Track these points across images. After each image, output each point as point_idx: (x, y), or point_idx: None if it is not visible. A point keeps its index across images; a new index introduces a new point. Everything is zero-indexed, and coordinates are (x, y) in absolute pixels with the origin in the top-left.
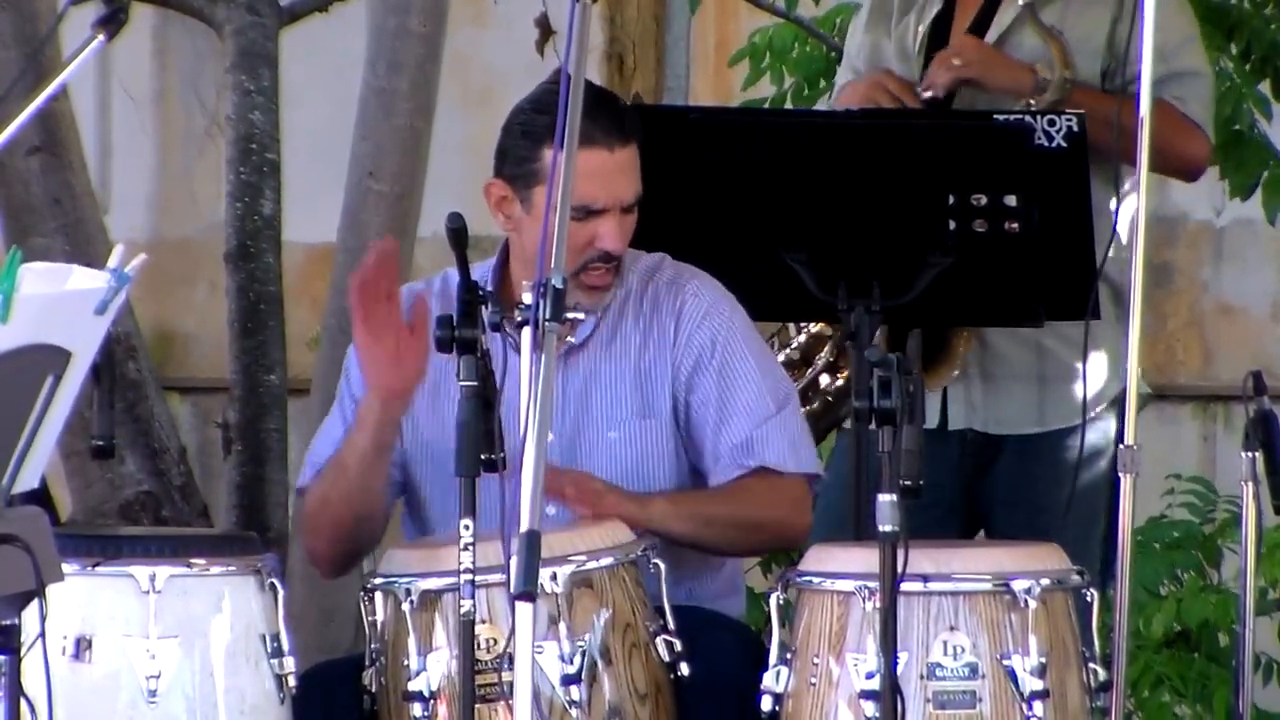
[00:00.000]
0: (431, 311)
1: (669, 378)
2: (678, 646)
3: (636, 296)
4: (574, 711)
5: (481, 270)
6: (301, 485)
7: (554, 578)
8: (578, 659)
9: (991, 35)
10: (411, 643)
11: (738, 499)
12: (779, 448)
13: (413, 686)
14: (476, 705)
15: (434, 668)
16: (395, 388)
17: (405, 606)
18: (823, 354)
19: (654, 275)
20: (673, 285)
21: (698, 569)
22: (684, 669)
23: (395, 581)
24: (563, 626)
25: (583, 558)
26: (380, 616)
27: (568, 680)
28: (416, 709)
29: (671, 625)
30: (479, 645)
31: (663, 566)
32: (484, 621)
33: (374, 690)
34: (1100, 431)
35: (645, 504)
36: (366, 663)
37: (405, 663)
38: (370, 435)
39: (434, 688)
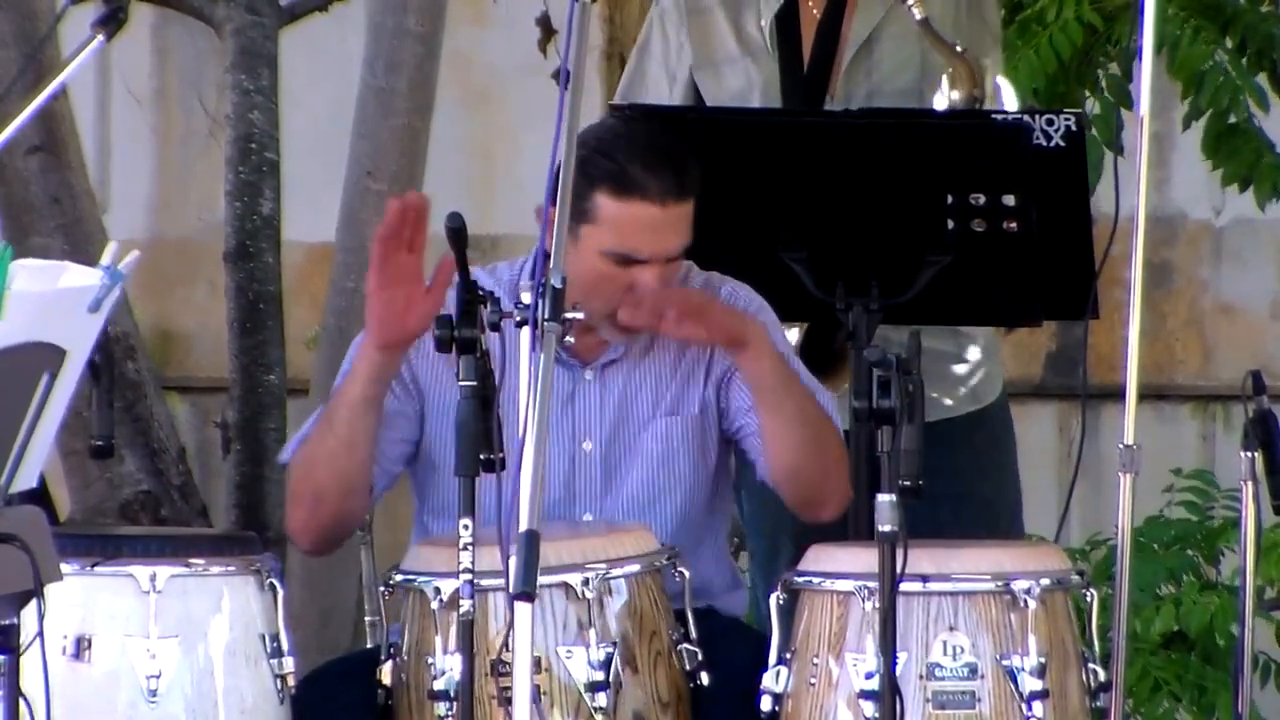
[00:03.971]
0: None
1: (702, 373)
2: (699, 655)
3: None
4: (599, 718)
5: (513, 269)
6: (285, 460)
7: (586, 583)
8: (604, 664)
9: (858, 36)
10: (438, 642)
11: (822, 408)
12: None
13: (438, 686)
14: (500, 706)
15: (459, 668)
16: (394, 339)
17: (434, 605)
18: None
19: (684, 281)
20: (706, 287)
21: (702, 567)
22: (704, 678)
23: (419, 579)
24: (592, 633)
25: (605, 566)
26: (403, 613)
27: (595, 687)
28: (440, 708)
29: (694, 634)
30: (507, 648)
31: (687, 575)
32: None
33: (391, 686)
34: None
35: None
36: (383, 657)
37: (430, 661)
38: (361, 386)
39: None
